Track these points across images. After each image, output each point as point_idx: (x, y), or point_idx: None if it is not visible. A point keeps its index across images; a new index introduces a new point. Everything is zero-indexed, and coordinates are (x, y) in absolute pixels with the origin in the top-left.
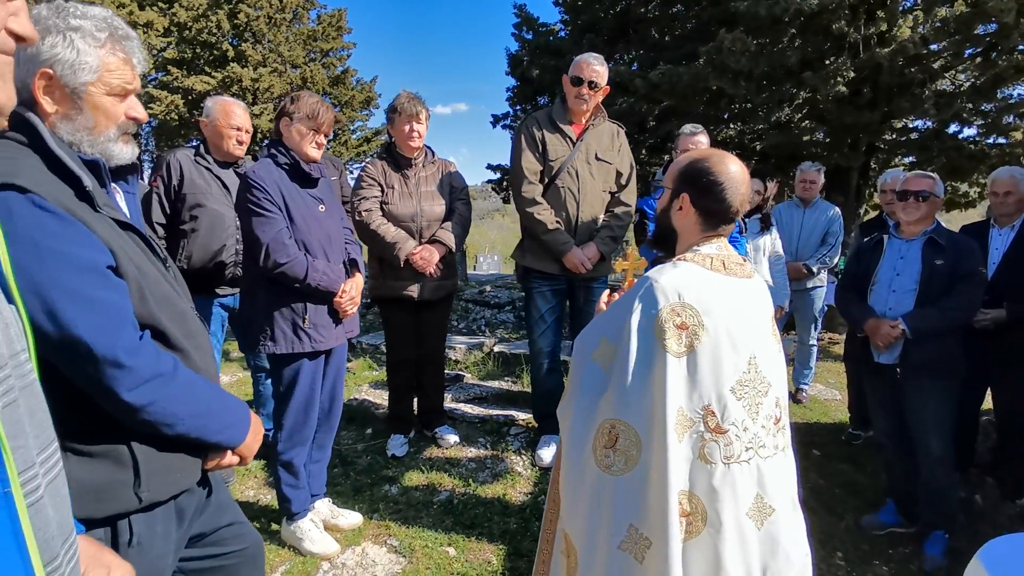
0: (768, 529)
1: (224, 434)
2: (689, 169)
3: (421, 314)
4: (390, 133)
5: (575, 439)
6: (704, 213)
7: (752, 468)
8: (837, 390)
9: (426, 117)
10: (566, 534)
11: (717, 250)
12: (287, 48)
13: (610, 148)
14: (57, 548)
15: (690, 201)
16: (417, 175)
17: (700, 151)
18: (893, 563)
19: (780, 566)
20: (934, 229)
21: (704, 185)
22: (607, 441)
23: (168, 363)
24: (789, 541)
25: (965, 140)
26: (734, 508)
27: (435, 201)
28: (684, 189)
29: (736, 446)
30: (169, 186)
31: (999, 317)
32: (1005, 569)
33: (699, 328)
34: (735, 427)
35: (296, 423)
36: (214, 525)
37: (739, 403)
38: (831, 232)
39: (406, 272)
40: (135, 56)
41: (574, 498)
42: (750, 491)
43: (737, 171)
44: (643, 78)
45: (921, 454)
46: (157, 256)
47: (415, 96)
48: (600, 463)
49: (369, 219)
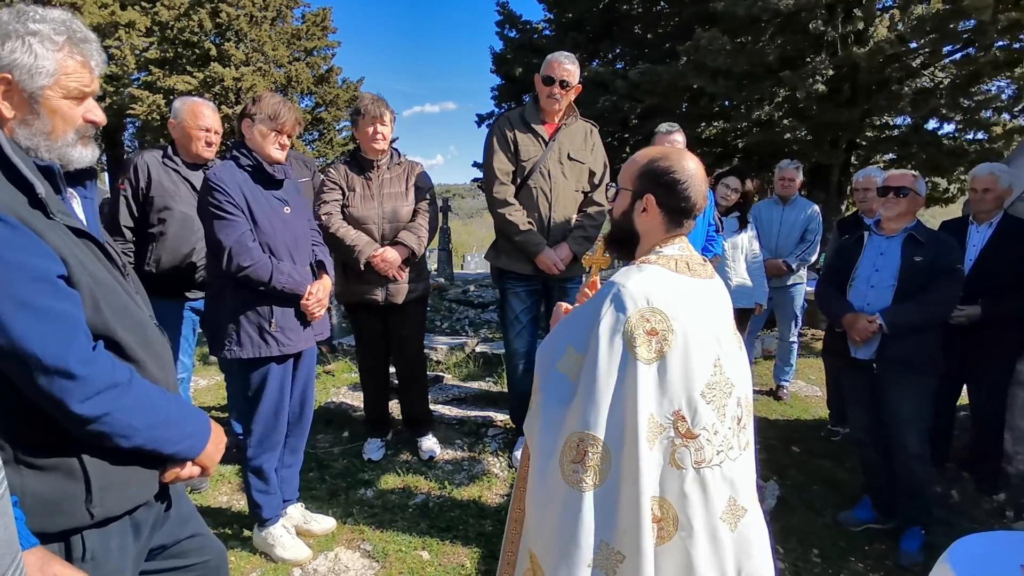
0: (742, 530)
1: (182, 444)
2: (650, 169)
3: (391, 318)
4: (355, 136)
5: (542, 454)
6: (669, 212)
7: (724, 471)
8: (818, 386)
9: (390, 119)
10: (532, 554)
11: (680, 251)
12: (271, 47)
13: (583, 147)
14: (6, 567)
15: (656, 202)
16: (380, 177)
17: (653, 149)
18: (870, 559)
19: (755, 566)
20: (914, 226)
21: (667, 184)
22: (575, 455)
23: (124, 373)
24: (760, 540)
25: (944, 136)
26: (705, 512)
27: (399, 202)
28: (648, 190)
29: (708, 450)
30: (137, 188)
31: (974, 314)
32: (972, 569)
33: (668, 333)
34: (706, 431)
35: (266, 429)
36: (175, 537)
37: (708, 406)
38: (810, 229)
39: (369, 276)
40: (93, 59)
41: (541, 517)
42: (723, 494)
43: (695, 167)
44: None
45: (897, 449)
46: (115, 264)
47: (379, 98)
48: (568, 478)
49: (329, 223)
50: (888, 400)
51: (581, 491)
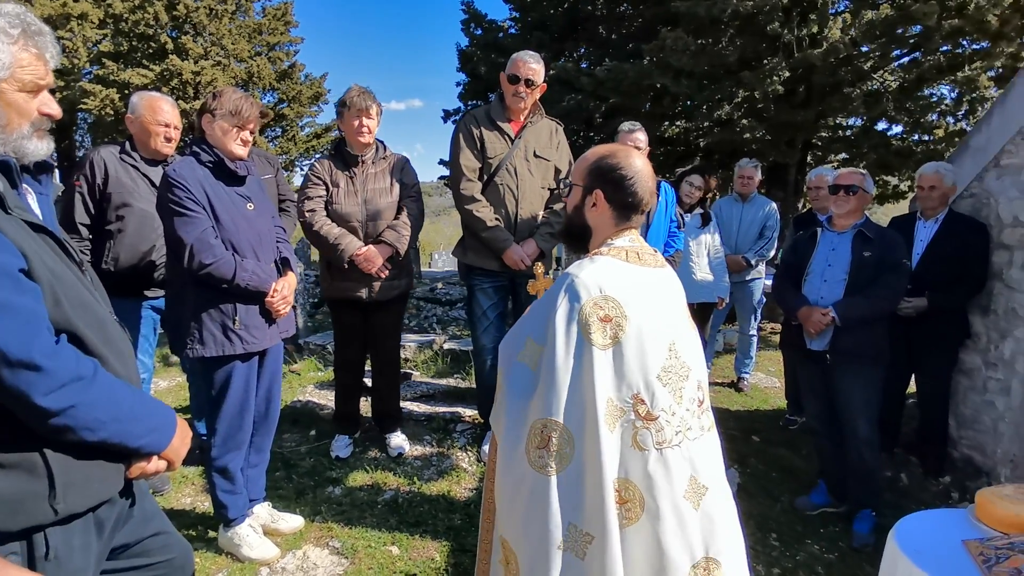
0: (705, 508)
1: (148, 438)
2: (599, 166)
3: (372, 316)
4: (340, 128)
5: (508, 444)
6: (618, 207)
7: (684, 451)
8: (776, 378)
9: (377, 112)
10: (504, 541)
11: (630, 242)
12: (230, 41)
13: (548, 145)
14: None
15: (604, 197)
16: (365, 172)
17: (603, 147)
18: (824, 541)
19: (720, 544)
20: (863, 223)
21: (615, 180)
22: (540, 442)
23: (88, 367)
24: (725, 517)
25: (892, 137)
26: (670, 492)
27: (382, 198)
28: (596, 185)
29: (667, 431)
30: (93, 185)
31: (921, 305)
32: (917, 545)
33: (622, 319)
34: (664, 413)
35: (231, 428)
36: (139, 535)
37: (664, 389)
38: (768, 226)
39: (353, 273)
40: (48, 51)
41: (511, 504)
42: (684, 473)
43: (642, 165)
44: (589, 75)
45: (849, 436)
46: (73, 260)
47: (366, 90)
48: (534, 464)
49: (312, 220)
50: (840, 389)
51: (547, 476)
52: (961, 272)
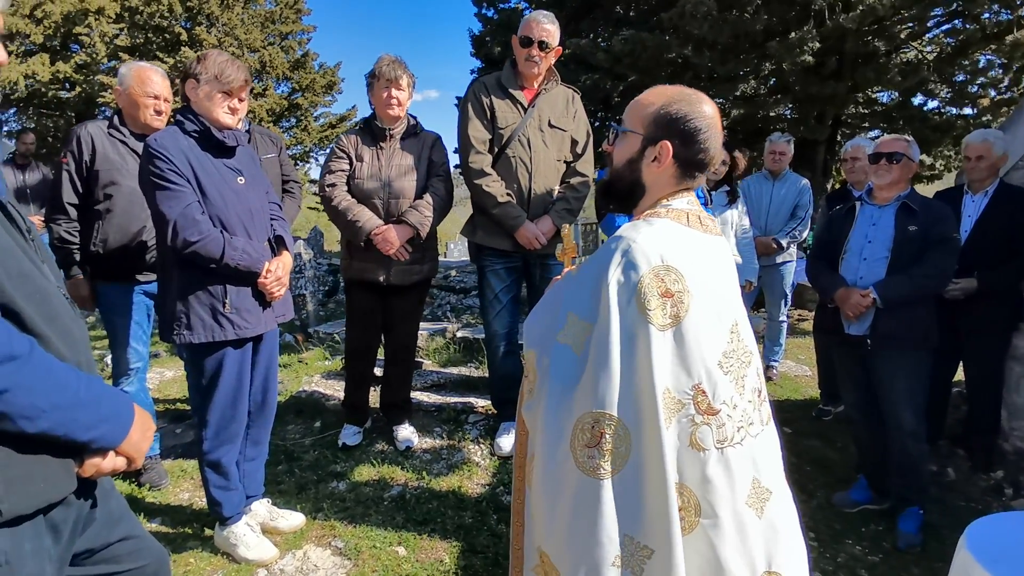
0: (768, 516)
1: (98, 430)
2: (668, 113)
3: (389, 300)
4: (370, 101)
5: (549, 440)
6: (684, 164)
7: (746, 450)
8: (807, 366)
9: (408, 84)
10: (543, 554)
11: (688, 205)
12: (243, 31)
13: (564, 114)
14: None
15: (672, 152)
16: (392, 147)
17: (667, 90)
18: (866, 541)
19: (783, 557)
20: (907, 195)
21: (687, 132)
22: (590, 439)
23: (23, 345)
24: (788, 525)
25: (930, 112)
26: (730, 497)
27: (407, 176)
28: (664, 137)
29: (728, 427)
30: (80, 162)
31: (969, 287)
32: (993, 554)
33: (684, 295)
34: (726, 406)
35: (223, 419)
36: (104, 540)
37: (726, 377)
38: (801, 205)
39: (372, 253)
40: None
41: (551, 512)
42: (747, 475)
43: (713, 113)
44: (606, 51)
45: (892, 427)
46: (16, 227)
47: (397, 60)
48: (583, 466)
49: (332, 194)
50: (881, 376)
51: (599, 479)
52: (1014, 250)
